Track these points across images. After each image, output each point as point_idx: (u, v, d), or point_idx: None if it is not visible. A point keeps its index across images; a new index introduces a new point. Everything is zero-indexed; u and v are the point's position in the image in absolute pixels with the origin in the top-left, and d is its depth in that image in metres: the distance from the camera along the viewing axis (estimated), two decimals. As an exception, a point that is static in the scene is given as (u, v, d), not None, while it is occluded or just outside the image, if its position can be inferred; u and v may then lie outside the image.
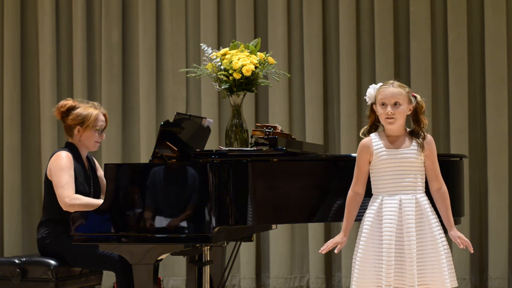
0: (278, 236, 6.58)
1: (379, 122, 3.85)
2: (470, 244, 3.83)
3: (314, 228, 6.54)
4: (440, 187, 3.83)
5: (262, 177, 4.04)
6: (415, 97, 3.84)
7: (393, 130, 3.81)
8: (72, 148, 4.64)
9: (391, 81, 3.85)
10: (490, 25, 6.49)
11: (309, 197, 4.09)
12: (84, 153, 4.71)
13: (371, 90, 3.86)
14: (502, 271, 6.40)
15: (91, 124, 4.64)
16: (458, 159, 4.39)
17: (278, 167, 4.09)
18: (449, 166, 4.29)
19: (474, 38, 6.57)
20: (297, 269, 6.67)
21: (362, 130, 3.90)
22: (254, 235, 5.68)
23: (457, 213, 4.35)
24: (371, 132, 3.87)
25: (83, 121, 4.64)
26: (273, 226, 5.12)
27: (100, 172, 4.81)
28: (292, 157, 4.15)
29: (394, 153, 3.78)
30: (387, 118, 3.77)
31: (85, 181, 4.61)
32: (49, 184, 4.57)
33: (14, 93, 6.91)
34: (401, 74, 6.61)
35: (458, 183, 4.33)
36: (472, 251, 3.87)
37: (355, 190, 3.85)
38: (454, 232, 3.82)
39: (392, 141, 3.81)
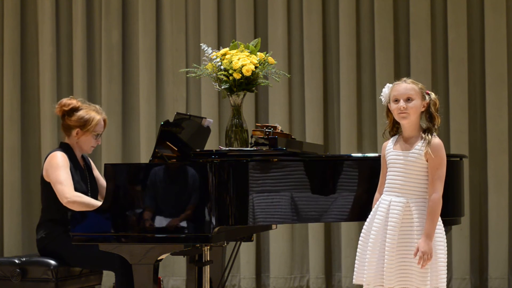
0: (278, 236, 6.58)
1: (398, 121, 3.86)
2: (426, 263, 3.69)
3: (314, 228, 6.54)
4: (431, 194, 3.76)
5: (262, 177, 4.04)
6: (429, 94, 3.84)
7: (406, 128, 3.81)
8: (66, 148, 4.63)
9: (404, 78, 3.87)
10: (490, 25, 6.49)
11: (309, 197, 4.09)
12: (79, 153, 4.70)
13: (386, 90, 3.87)
14: (502, 271, 6.40)
15: (91, 128, 4.63)
16: (458, 159, 4.39)
17: (278, 167, 4.09)
18: (449, 166, 4.29)
19: (474, 38, 6.57)
20: (297, 269, 6.67)
21: (384, 131, 3.92)
22: (254, 235, 5.68)
23: (457, 213, 4.35)
24: (392, 132, 3.89)
25: (84, 125, 4.63)
26: (273, 226, 5.12)
27: (96, 172, 4.80)
28: (292, 157, 4.15)
29: (403, 155, 3.78)
30: (400, 113, 3.78)
31: (81, 180, 4.60)
32: (46, 185, 4.57)
33: (14, 93, 6.91)
34: (401, 74, 6.58)
35: (458, 183, 4.33)
36: (422, 268, 3.70)
37: (380, 192, 3.89)
38: (423, 242, 3.69)
39: (406, 142, 3.81)
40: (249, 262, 6.63)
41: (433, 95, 3.85)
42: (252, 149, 4.20)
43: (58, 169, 4.49)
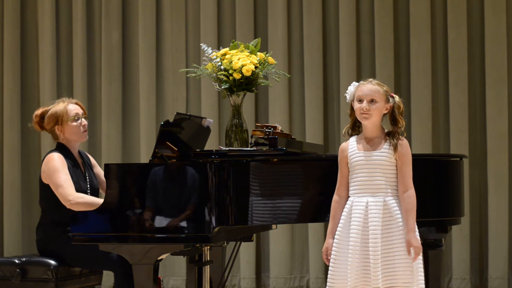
0: (278, 236, 6.58)
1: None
2: (417, 257, 3.74)
3: (314, 228, 6.54)
4: (405, 190, 3.78)
5: (262, 177, 4.04)
6: (393, 97, 3.85)
7: (368, 129, 3.83)
8: (62, 148, 4.63)
9: (370, 79, 3.88)
10: (490, 25, 6.49)
11: (309, 197, 4.09)
12: (75, 150, 4.68)
13: (352, 88, 3.90)
14: (502, 271, 6.40)
15: (65, 118, 4.63)
16: (458, 159, 4.39)
17: (278, 167, 4.09)
18: (449, 166, 4.29)
19: (474, 38, 6.57)
20: (297, 269, 6.67)
21: (344, 130, 3.94)
22: (254, 235, 5.68)
23: (457, 213, 4.35)
24: (354, 130, 3.91)
25: (57, 120, 4.63)
26: (273, 226, 5.12)
27: (97, 169, 4.80)
28: (292, 157, 4.15)
29: (367, 155, 3.80)
30: (362, 113, 3.80)
31: (80, 179, 4.60)
32: (44, 187, 4.58)
33: (14, 93, 6.91)
34: (401, 74, 6.60)
35: (458, 183, 4.33)
36: (414, 261, 3.75)
37: (339, 194, 3.88)
38: (410, 237, 3.73)
39: (368, 143, 3.83)
40: (249, 262, 6.63)
41: (397, 98, 3.85)
42: (252, 149, 4.20)
43: (56, 172, 4.49)
